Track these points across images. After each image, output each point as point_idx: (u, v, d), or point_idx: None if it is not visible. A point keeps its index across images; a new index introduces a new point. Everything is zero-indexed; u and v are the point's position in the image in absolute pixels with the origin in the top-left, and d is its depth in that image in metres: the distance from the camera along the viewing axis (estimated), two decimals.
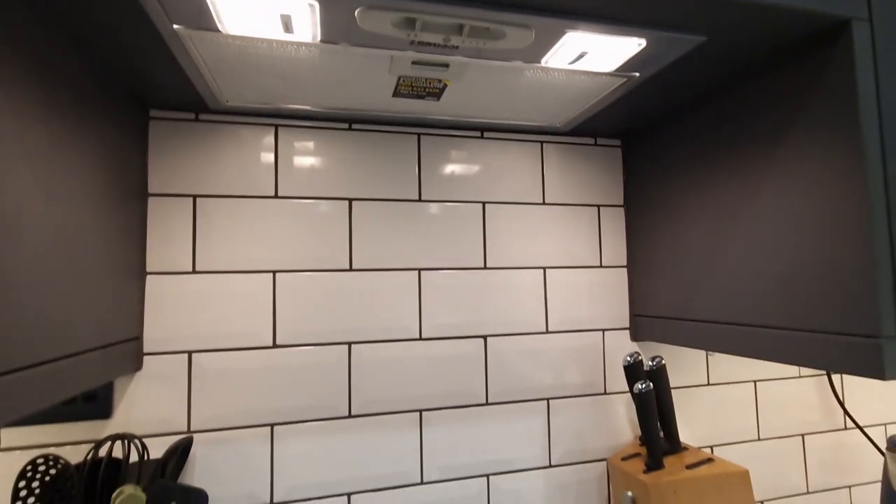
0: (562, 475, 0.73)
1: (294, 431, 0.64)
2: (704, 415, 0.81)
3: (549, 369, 0.74)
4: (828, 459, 0.87)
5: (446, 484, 0.68)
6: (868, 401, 0.91)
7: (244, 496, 0.61)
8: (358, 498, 0.65)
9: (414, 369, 0.69)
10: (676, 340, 0.68)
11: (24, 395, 0.36)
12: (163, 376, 0.60)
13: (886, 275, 0.43)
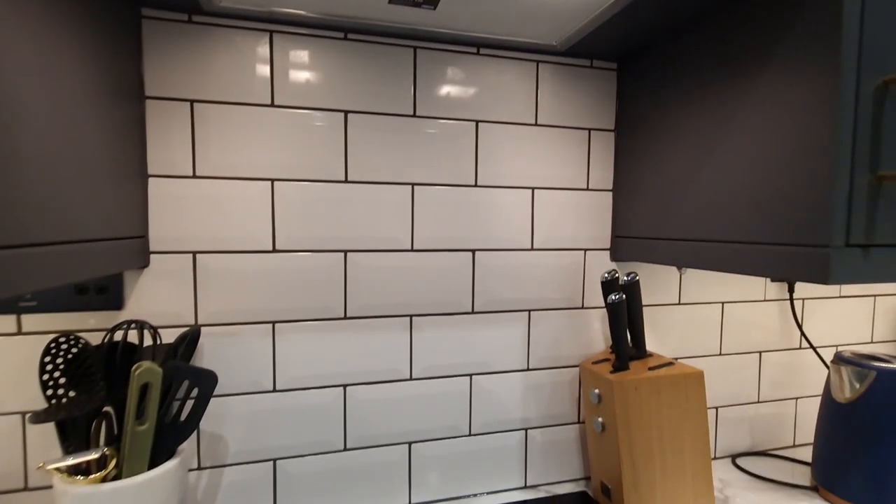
0: (538, 377, 0.80)
1: (293, 329, 0.69)
2: (673, 331, 0.87)
3: (532, 284, 0.79)
4: (780, 374, 0.96)
5: (432, 381, 0.75)
6: (824, 325, 0.98)
7: (249, 384, 0.68)
8: (352, 389, 0.72)
9: (405, 278, 0.73)
10: (652, 259, 0.72)
11: (39, 270, 0.39)
12: (169, 273, 0.64)
13: (842, 193, 0.46)
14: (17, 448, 0.60)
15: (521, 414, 0.80)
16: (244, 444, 0.68)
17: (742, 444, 0.94)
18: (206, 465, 0.67)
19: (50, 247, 0.41)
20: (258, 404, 0.68)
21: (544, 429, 0.82)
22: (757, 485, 0.83)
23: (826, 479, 0.79)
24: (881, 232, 0.48)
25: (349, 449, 0.72)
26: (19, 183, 0.37)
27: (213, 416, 0.66)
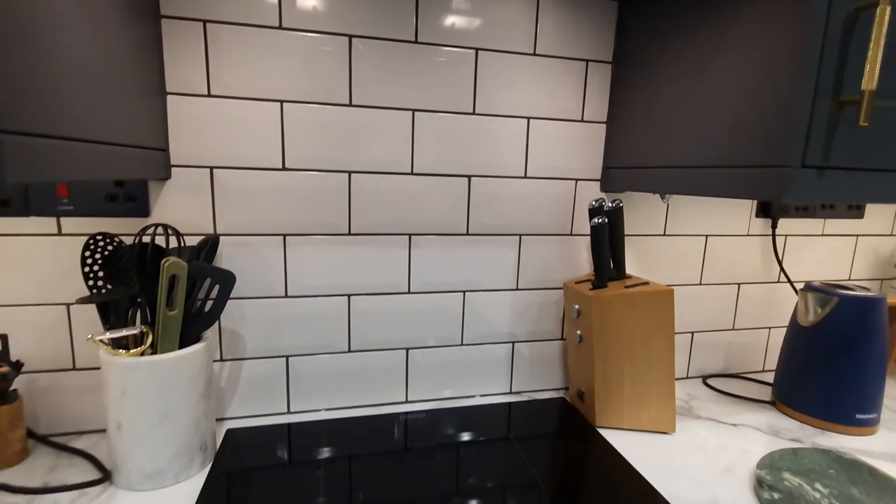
0: (526, 297, 0.88)
1: (303, 242, 0.76)
2: (657, 260, 0.93)
3: (524, 210, 0.84)
4: (756, 305, 1.02)
5: (429, 295, 0.83)
6: (804, 262, 1.03)
7: (263, 289, 0.75)
8: (356, 299, 0.80)
9: (405, 200, 0.79)
10: (639, 187, 0.77)
11: (75, 163, 0.45)
12: (189, 186, 0.70)
13: (803, 116, 0.50)
14: (65, 335, 0.69)
15: (510, 329, 0.88)
16: (260, 342, 0.77)
17: (714, 366, 1.02)
18: (227, 357, 0.76)
19: (83, 143, 0.46)
20: (272, 308, 0.76)
21: (530, 343, 0.90)
22: (721, 398, 0.91)
23: (783, 394, 0.87)
24: (836, 155, 0.52)
25: (353, 351, 0.81)
26: (53, 82, 0.42)
27: (233, 316, 0.75)
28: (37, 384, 0.69)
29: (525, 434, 0.75)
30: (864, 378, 0.78)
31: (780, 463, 0.68)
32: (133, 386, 0.57)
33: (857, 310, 0.78)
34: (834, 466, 0.68)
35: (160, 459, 0.59)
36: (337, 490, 0.60)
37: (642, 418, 0.78)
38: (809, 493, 0.62)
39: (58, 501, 0.57)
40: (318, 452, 0.68)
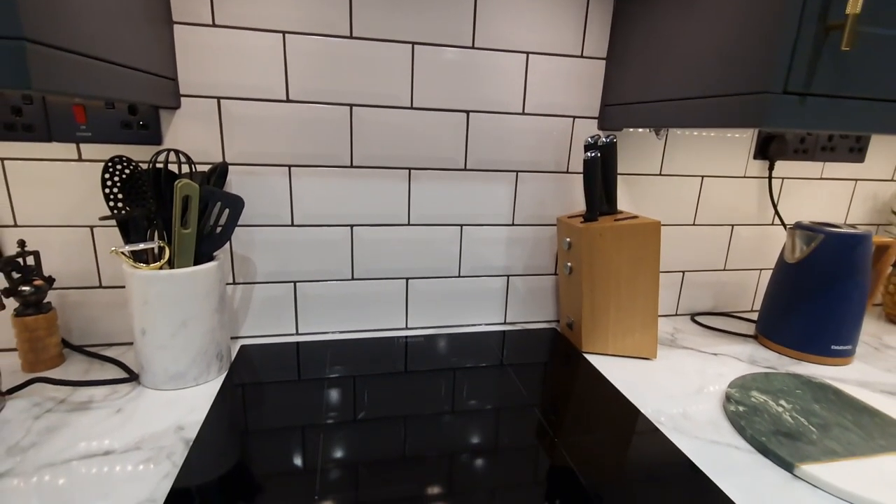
0: (521, 232, 0.91)
1: (307, 173, 0.79)
2: (652, 199, 0.95)
3: (521, 147, 0.86)
4: (749, 247, 1.05)
5: (428, 228, 0.87)
6: (800, 205, 1.04)
7: (271, 217, 0.80)
8: (358, 229, 0.84)
9: (405, 134, 0.81)
10: (635, 122, 0.78)
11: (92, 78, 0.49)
12: (198, 115, 0.73)
13: (787, 41, 0.51)
14: (90, 254, 0.75)
15: (505, 262, 0.92)
16: (269, 267, 0.82)
17: (703, 305, 1.06)
18: (239, 280, 0.82)
19: (99, 61, 0.49)
20: (279, 235, 0.81)
21: (524, 277, 0.94)
22: (705, 332, 0.96)
23: (765, 328, 0.91)
24: (819, 82, 0.53)
25: (356, 279, 0.86)
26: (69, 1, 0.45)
27: (243, 241, 0.80)
28: (68, 299, 0.76)
29: (518, 360, 0.81)
30: (842, 311, 0.82)
31: (751, 384, 0.73)
32: (154, 296, 0.63)
33: (840, 247, 0.81)
34: (801, 388, 0.73)
35: (180, 363, 0.66)
36: (342, 406, 0.66)
37: (626, 345, 0.83)
38: (773, 407, 0.67)
39: (93, 397, 0.65)
40: (324, 370, 0.75)
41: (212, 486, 0.50)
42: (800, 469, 0.55)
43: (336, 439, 0.57)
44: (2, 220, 0.71)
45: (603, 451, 0.58)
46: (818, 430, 0.62)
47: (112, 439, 0.56)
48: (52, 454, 0.53)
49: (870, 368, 0.83)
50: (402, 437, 0.58)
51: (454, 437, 0.59)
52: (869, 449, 0.58)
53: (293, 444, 0.57)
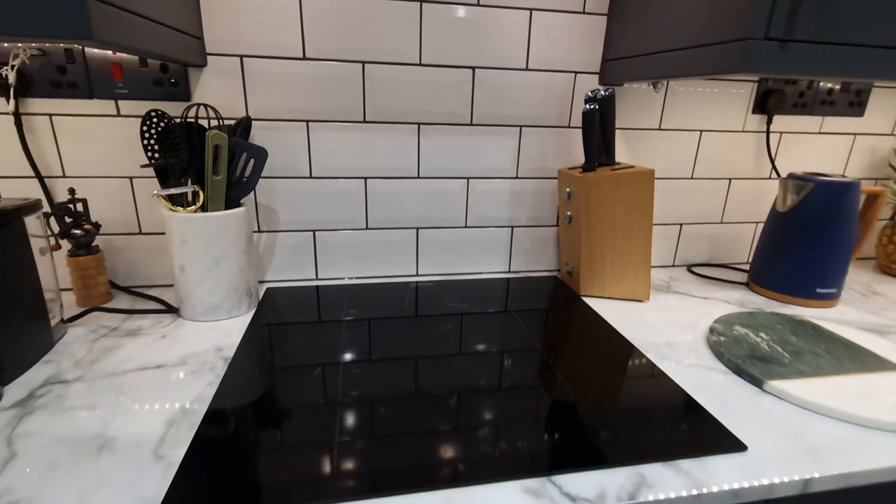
0: (524, 184, 0.97)
1: (324, 128, 0.85)
2: (650, 153, 1.00)
3: (524, 102, 0.91)
4: (746, 200, 1.09)
5: (436, 180, 0.93)
6: (798, 159, 1.08)
7: (291, 169, 0.87)
8: (371, 181, 0.90)
9: (414, 90, 0.86)
10: (633, 76, 0.82)
11: (139, 34, 0.55)
12: (223, 72, 0.79)
13: None
14: (130, 203, 0.83)
15: (509, 214, 0.98)
16: (290, 216, 0.89)
17: (700, 256, 1.11)
18: (264, 229, 0.89)
19: (143, 19, 0.56)
20: (299, 187, 0.88)
21: (527, 228, 1.00)
22: (699, 280, 1.01)
23: (755, 275, 0.96)
24: (800, 28, 0.57)
25: (370, 228, 0.93)
26: None
27: (266, 192, 0.87)
28: (112, 244, 0.84)
29: (520, 303, 0.87)
30: (828, 256, 0.86)
31: (735, 320, 0.79)
32: (191, 235, 0.70)
33: (829, 195, 0.85)
34: (782, 323, 0.78)
35: (216, 296, 0.74)
36: (358, 345, 0.73)
37: (621, 288, 0.89)
38: (752, 338, 0.73)
39: (141, 326, 0.73)
40: (342, 312, 0.82)
41: (248, 393, 0.58)
42: (768, 384, 0.61)
43: (353, 376, 0.63)
44: (52, 171, 0.78)
45: (596, 378, 0.65)
46: (791, 356, 0.68)
47: (161, 357, 0.65)
48: (112, 367, 0.62)
49: (853, 310, 0.88)
50: (413, 375, 0.63)
51: (462, 373, 0.66)
52: (835, 370, 0.64)
53: (314, 375, 0.64)
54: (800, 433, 0.54)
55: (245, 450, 0.48)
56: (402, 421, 0.54)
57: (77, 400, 0.55)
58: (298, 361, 0.65)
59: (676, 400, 0.59)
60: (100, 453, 0.47)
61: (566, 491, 0.45)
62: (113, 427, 0.51)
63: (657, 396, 0.60)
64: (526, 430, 0.53)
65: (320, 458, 0.47)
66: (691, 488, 0.45)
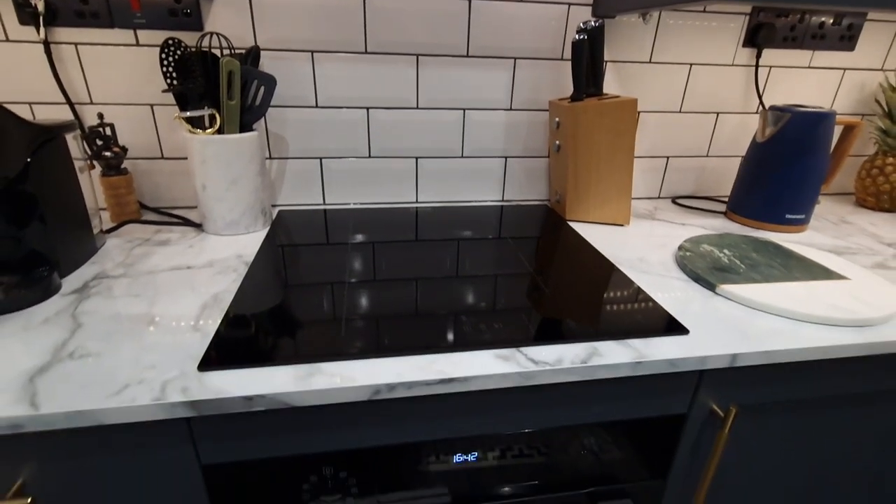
0: (518, 117, 1.02)
1: (327, 58, 0.91)
2: (640, 86, 1.04)
3: (519, 34, 0.95)
4: (732, 134, 1.13)
5: (434, 111, 0.98)
6: (786, 94, 1.11)
7: (297, 98, 0.93)
8: (374, 111, 0.96)
9: (411, 20, 0.90)
10: (626, 6, 0.85)
11: None
12: (233, 2, 0.84)
13: None
14: (152, 129, 0.90)
15: (503, 145, 1.04)
16: (299, 144, 0.96)
17: (685, 189, 1.17)
18: (275, 156, 0.97)
19: None
20: (306, 115, 0.94)
21: (520, 159, 1.06)
22: (681, 210, 1.08)
23: (733, 204, 1.03)
24: None
25: (372, 156, 1.00)
26: None
27: (276, 120, 0.94)
28: (139, 167, 0.92)
29: (512, 228, 0.94)
30: (799, 184, 0.92)
31: (704, 240, 0.87)
32: (210, 156, 0.78)
33: (804, 125, 0.90)
34: (748, 243, 0.86)
35: (234, 213, 0.83)
36: (363, 266, 0.82)
37: (604, 212, 0.96)
38: (715, 254, 0.81)
39: (170, 238, 0.83)
40: (347, 235, 0.90)
41: (268, 286, 0.68)
42: (720, 287, 0.70)
43: (357, 295, 0.71)
44: (80, 97, 0.85)
45: (571, 283, 0.74)
46: (747, 268, 0.76)
47: (190, 261, 0.74)
48: (149, 267, 0.72)
49: (820, 235, 0.95)
50: (414, 295, 0.68)
51: (458, 288, 0.74)
52: (784, 278, 0.72)
53: (323, 291, 0.74)
54: (739, 323, 0.62)
55: (266, 323, 0.58)
56: (403, 334, 0.63)
57: (123, 290, 0.65)
58: (310, 267, 0.75)
59: (637, 298, 0.68)
60: (148, 326, 0.57)
61: (531, 357, 0.54)
62: (156, 309, 0.61)
63: (620, 295, 0.69)
64: (503, 316, 0.62)
65: (330, 329, 0.57)
66: (634, 357, 0.55)
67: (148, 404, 0.45)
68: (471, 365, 0.52)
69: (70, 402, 0.45)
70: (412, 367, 0.52)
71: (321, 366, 0.51)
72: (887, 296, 0.68)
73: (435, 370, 0.51)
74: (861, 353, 0.60)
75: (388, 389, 0.50)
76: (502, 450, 0.60)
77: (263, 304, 0.63)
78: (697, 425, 0.64)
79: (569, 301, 0.66)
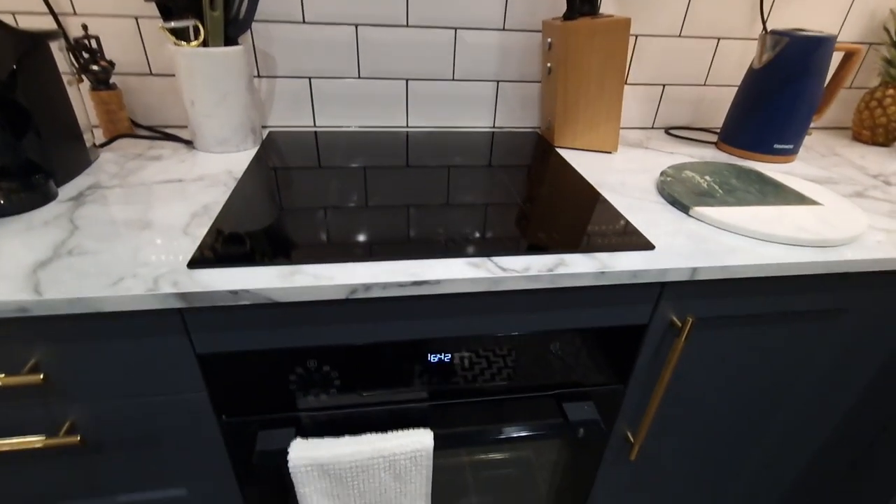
0: (512, 38, 1.00)
1: None
2: (638, 7, 1.00)
3: None
4: (733, 63, 1.10)
5: (424, 29, 0.96)
6: (793, 18, 1.07)
7: (284, 14, 0.91)
8: (362, 29, 0.94)
9: None
10: None
11: None
12: None
13: None
14: (138, 44, 0.89)
15: (496, 69, 1.03)
16: (287, 64, 0.95)
17: (681, 119, 1.16)
18: (263, 74, 0.96)
19: None
20: (293, 33, 0.93)
21: (514, 84, 1.05)
22: (673, 139, 1.08)
23: (724, 135, 1.02)
24: None
25: (362, 78, 0.99)
26: None
27: (262, 36, 0.92)
28: (129, 85, 0.92)
29: (502, 154, 0.94)
30: (789, 112, 0.92)
31: (688, 167, 0.87)
32: (197, 70, 0.78)
33: (802, 50, 0.88)
34: (730, 170, 0.87)
35: (225, 130, 0.84)
36: (350, 185, 0.84)
37: (592, 138, 0.96)
38: (696, 179, 0.82)
39: (162, 154, 0.84)
40: (336, 155, 0.90)
41: (255, 198, 0.70)
42: (693, 210, 0.72)
43: (342, 210, 0.74)
44: (63, 7, 0.84)
45: (550, 204, 0.76)
46: (724, 192, 0.77)
47: (182, 174, 0.77)
48: (142, 179, 0.74)
49: (806, 165, 0.96)
50: (397, 212, 0.70)
51: (440, 210, 0.76)
52: (757, 202, 0.74)
53: (310, 204, 0.76)
54: (705, 241, 0.65)
55: (253, 230, 0.62)
56: (384, 224, 0.66)
57: (118, 198, 0.68)
58: (298, 184, 0.77)
59: (610, 218, 0.70)
60: (142, 230, 0.61)
61: (500, 265, 0.58)
62: (149, 216, 0.64)
63: (595, 215, 0.71)
64: (480, 232, 0.65)
65: (314, 237, 0.61)
66: (599, 268, 0.58)
67: (142, 294, 0.49)
68: (443, 270, 0.56)
69: (71, 291, 0.49)
70: (388, 270, 0.55)
71: (303, 267, 0.55)
72: (854, 221, 0.70)
73: (409, 273, 0.55)
74: (818, 271, 0.63)
75: (365, 289, 0.54)
76: (475, 351, 0.65)
77: (250, 214, 0.66)
78: (658, 336, 0.68)
79: (544, 220, 0.69)
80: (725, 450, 0.88)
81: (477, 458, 0.84)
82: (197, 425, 0.63)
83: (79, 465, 0.63)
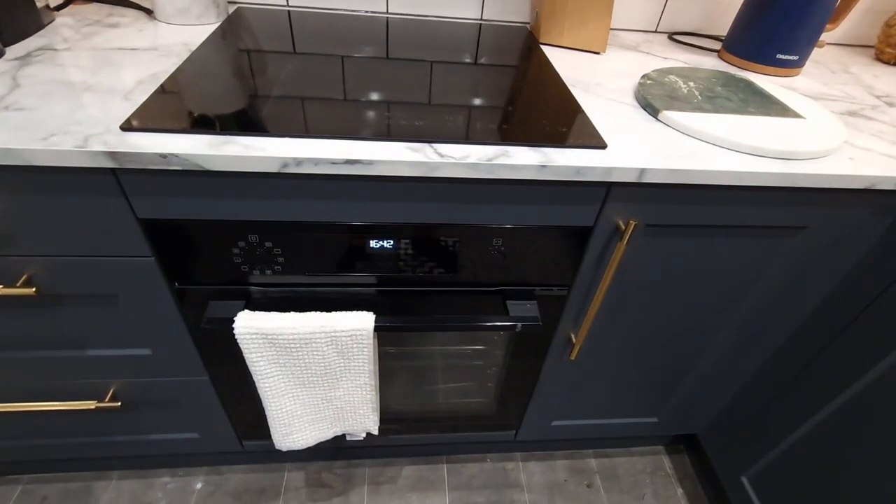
0: None
1: None
2: None
3: None
4: None
5: None
6: None
7: None
8: None
9: None
10: None
11: None
12: None
13: None
14: None
15: None
16: None
17: (688, 24, 1.06)
18: None
19: None
20: None
21: None
22: (673, 45, 1.00)
23: (728, 43, 0.94)
24: None
25: None
26: None
27: None
28: None
29: (483, 51, 0.87)
30: (797, 19, 0.83)
31: (674, 71, 0.82)
32: None
33: None
34: (718, 76, 0.81)
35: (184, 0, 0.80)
36: (304, 68, 0.79)
37: (579, 36, 0.89)
38: (678, 84, 0.77)
39: (120, 22, 0.81)
40: (311, 40, 0.85)
41: (207, 71, 0.68)
42: (662, 114, 0.68)
43: (288, 85, 0.71)
44: None
45: (512, 102, 0.72)
46: (703, 99, 0.73)
47: (136, 43, 0.74)
48: (95, 45, 0.72)
49: (808, 80, 0.89)
50: (343, 93, 0.66)
51: (391, 94, 0.73)
52: (735, 111, 0.70)
53: (258, 81, 0.73)
54: (662, 144, 0.62)
55: (193, 101, 0.60)
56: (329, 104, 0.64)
57: (66, 61, 0.67)
58: (254, 62, 0.74)
59: (571, 117, 0.67)
60: (83, 91, 0.60)
61: (440, 152, 0.56)
62: (94, 79, 0.63)
63: (556, 113, 0.67)
64: (427, 119, 0.63)
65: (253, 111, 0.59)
66: (542, 162, 0.57)
67: (71, 150, 0.50)
68: (381, 152, 0.55)
69: (1, 142, 0.49)
70: (324, 147, 0.54)
71: (236, 137, 0.54)
72: (831, 137, 0.66)
73: (344, 151, 0.54)
74: (776, 183, 0.61)
75: (296, 164, 0.53)
76: (418, 240, 0.66)
77: (195, 85, 0.64)
78: (603, 239, 0.68)
79: (499, 113, 0.66)
80: (670, 357, 0.91)
81: (430, 349, 0.89)
82: (151, 290, 0.67)
83: (43, 316, 0.68)
